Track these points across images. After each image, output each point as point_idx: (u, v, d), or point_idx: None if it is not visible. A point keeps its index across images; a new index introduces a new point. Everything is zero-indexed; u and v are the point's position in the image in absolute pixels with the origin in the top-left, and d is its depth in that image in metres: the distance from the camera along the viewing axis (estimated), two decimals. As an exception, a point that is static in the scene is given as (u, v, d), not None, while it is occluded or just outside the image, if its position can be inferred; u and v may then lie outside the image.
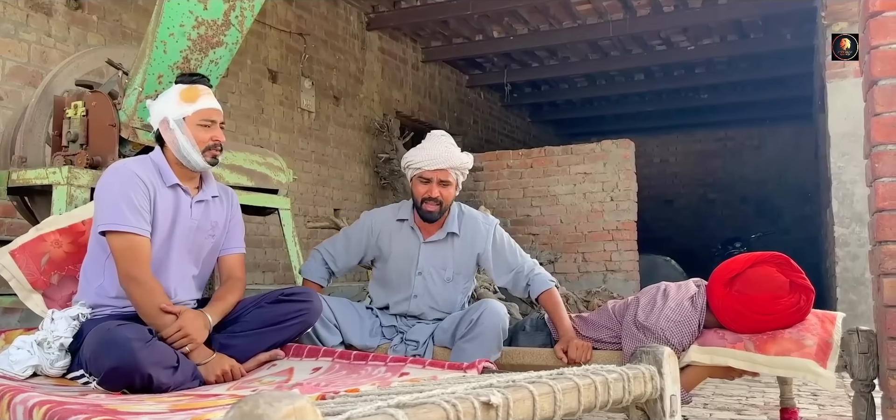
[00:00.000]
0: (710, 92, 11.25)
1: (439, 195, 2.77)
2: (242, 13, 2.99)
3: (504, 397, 1.16)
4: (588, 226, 7.81)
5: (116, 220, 2.14)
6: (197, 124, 2.30)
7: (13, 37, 4.43)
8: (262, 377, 2.18)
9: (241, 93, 6.29)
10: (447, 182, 2.77)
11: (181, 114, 2.29)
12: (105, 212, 2.17)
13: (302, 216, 6.61)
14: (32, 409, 1.50)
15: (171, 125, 2.28)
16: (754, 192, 12.91)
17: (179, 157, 2.30)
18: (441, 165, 2.75)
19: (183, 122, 2.28)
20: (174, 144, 2.29)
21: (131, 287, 2.14)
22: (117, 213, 2.15)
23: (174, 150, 2.30)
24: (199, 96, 2.32)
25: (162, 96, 2.37)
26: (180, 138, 2.28)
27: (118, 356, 1.86)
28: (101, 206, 2.20)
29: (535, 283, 2.87)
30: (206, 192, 2.40)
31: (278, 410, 0.82)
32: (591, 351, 2.69)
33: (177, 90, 2.33)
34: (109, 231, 2.15)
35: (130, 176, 2.20)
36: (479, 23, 8.28)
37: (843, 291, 5.62)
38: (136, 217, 2.16)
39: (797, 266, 2.58)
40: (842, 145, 5.70)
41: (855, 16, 5.37)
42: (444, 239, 2.87)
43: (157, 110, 2.33)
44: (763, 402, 3.55)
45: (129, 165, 2.26)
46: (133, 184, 2.19)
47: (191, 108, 2.30)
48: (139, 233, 2.16)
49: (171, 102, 2.31)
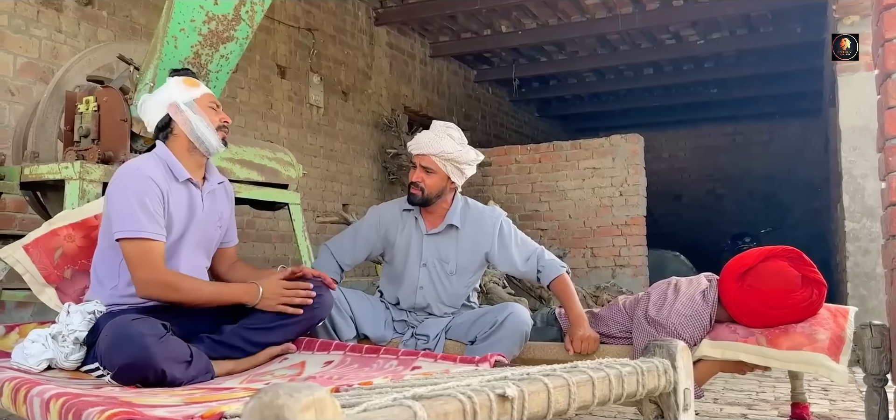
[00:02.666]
0: (719, 86, 11.20)
1: (420, 180, 2.76)
2: (252, 8, 3.00)
3: (519, 390, 1.16)
4: (596, 221, 7.80)
5: (134, 227, 2.12)
6: (207, 106, 2.34)
7: (24, 33, 4.45)
8: (274, 370, 2.19)
9: (250, 88, 6.30)
10: (430, 169, 2.75)
11: (191, 97, 2.32)
12: (120, 218, 2.13)
13: (311, 211, 6.63)
14: (49, 401, 1.50)
15: (183, 108, 2.29)
16: (763, 187, 12.87)
17: (194, 140, 2.29)
18: (422, 151, 2.74)
19: (194, 104, 2.31)
20: (187, 126, 2.29)
21: (163, 291, 2.14)
22: (133, 220, 2.12)
23: (188, 133, 2.29)
24: (200, 84, 2.38)
25: (158, 92, 2.36)
26: (194, 118, 2.29)
27: (132, 352, 1.86)
28: (116, 212, 2.15)
29: (546, 271, 2.85)
30: (212, 182, 2.41)
31: (298, 401, 0.82)
32: (598, 342, 2.68)
33: (177, 80, 2.35)
34: (125, 238, 2.12)
35: (144, 180, 2.16)
36: (488, 17, 8.27)
37: (853, 286, 5.60)
38: (152, 222, 2.14)
39: (809, 260, 2.57)
40: (853, 139, 5.67)
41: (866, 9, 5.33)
42: (446, 231, 2.86)
43: (160, 100, 2.32)
44: (774, 396, 3.54)
45: (141, 168, 2.20)
46: (147, 187, 2.16)
47: (197, 91, 2.34)
48: (156, 238, 2.14)
49: (176, 90, 2.32)
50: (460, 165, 2.79)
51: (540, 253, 2.89)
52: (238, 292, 2.26)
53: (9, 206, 4.19)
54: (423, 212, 2.87)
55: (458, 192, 2.91)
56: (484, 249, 2.87)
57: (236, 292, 2.26)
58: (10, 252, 2.41)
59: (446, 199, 2.85)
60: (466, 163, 2.80)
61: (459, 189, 2.89)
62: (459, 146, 2.78)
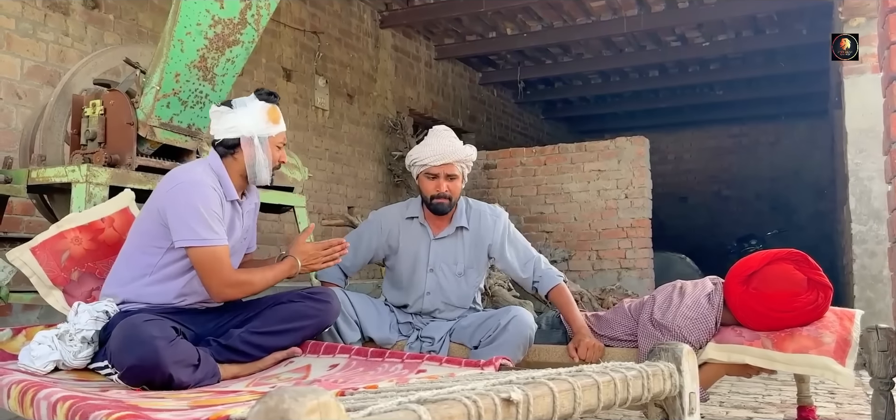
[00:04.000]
0: (724, 88, 11.18)
1: (447, 189, 2.78)
2: (258, 12, 3.00)
3: (524, 394, 1.16)
4: (602, 223, 7.79)
5: (203, 235, 2.16)
6: (276, 145, 2.38)
7: (31, 36, 4.47)
8: (279, 374, 2.19)
9: (255, 91, 6.31)
10: (454, 176, 2.79)
11: (267, 133, 2.34)
12: (189, 227, 2.16)
13: (316, 214, 6.64)
14: (56, 404, 1.51)
15: (256, 142, 2.32)
16: (769, 188, 12.83)
17: (249, 172, 2.34)
18: (447, 160, 2.76)
19: (267, 141, 2.34)
20: (251, 160, 2.32)
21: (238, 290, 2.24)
22: (202, 228, 2.16)
23: (248, 165, 2.33)
24: (280, 119, 2.41)
25: (241, 108, 2.33)
26: (259, 156, 2.32)
27: (141, 354, 1.87)
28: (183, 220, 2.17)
29: (543, 281, 2.86)
30: (251, 201, 2.47)
31: (303, 405, 0.83)
32: (603, 350, 2.67)
33: (263, 108, 2.35)
34: (194, 246, 2.16)
35: (207, 189, 2.21)
36: (493, 20, 8.27)
37: (860, 289, 5.57)
38: (219, 229, 2.20)
39: (815, 263, 2.56)
40: (859, 141, 5.65)
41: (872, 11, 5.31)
42: (454, 233, 2.88)
43: (239, 124, 2.31)
44: (780, 400, 3.53)
45: (204, 180, 2.24)
46: (210, 196, 2.21)
47: (275, 129, 2.37)
48: (222, 244, 2.21)
49: (259, 120, 2.33)
50: (470, 164, 2.86)
51: (537, 261, 2.90)
52: (284, 270, 2.36)
53: (16, 209, 4.21)
54: (428, 217, 2.88)
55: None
56: (487, 243, 2.89)
57: (282, 270, 2.36)
58: (17, 254, 2.42)
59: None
60: (472, 160, 2.87)
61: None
62: (462, 145, 2.83)
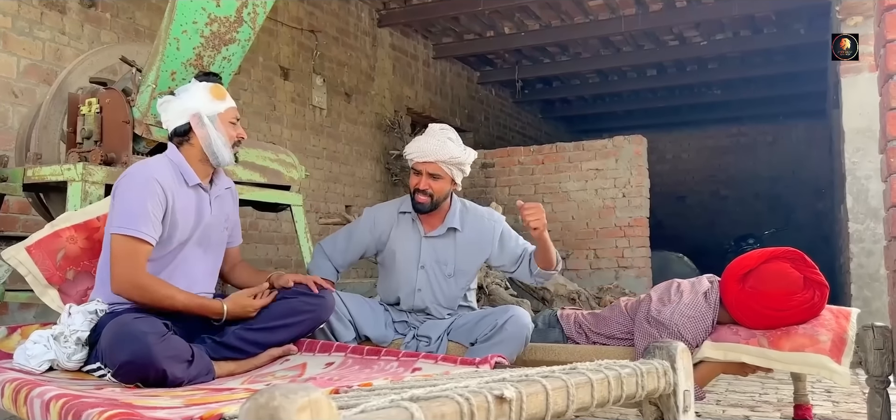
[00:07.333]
0: (722, 88, 11.19)
1: (428, 187, 2.77)
2: (255, 10, 3.00)
3: (517, 391, 1.16)
4: (600, 222, 7.79)
5: (128, 224, 2.14)
6: (228, 121, 2.37)
7: (28, 35, 4.47)
8: (275, 372, 2.19)
9: (253, 90, 6.31)
10: (437, 176, 2.77)
11: (215, 110, 2.34)
12: (118, 213, 2.17)
13: (314, 213, 6.64)
14: (49, 402, 1.51)
15: (205, 120, 2.31)
16: (767, 188, 12.83)
17: (208, 153, 2.33)
18: (429, 158, 2.75)
19: (216, 118, 2.33)
20: (206, 140, 2.31)
21: (136, 293, 2.13)
22: (129, 217, 2.14)
23: (204, 146, 2.32)
24: (226, 95, 2.40)
25: (184, 93, 2.35)
26: (213, 133, 2.32)
27: (133, 350, 1.87)
28: (115, 207, 2.19)
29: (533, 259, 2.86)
30: (220, 186, 2.44)
31: (294, 403, 0.82)
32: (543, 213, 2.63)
33: (205, 88, 2.35)
34: (117, 233, 2.14)
35: (149, 181, 2.19)
36: (490, 19, 8.27)
37: (857, 288, 5.58)
38: (146, 223, 2.15)
39: (811, 262, 2.56)
40: (856, 141, 5.66)
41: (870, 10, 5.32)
42: (445, 234, 2.87)
43: (184, 107, 2.32)
44: (777, 398, 3.53)
45: (151, 170, 2.23)
46: (151, 189, 2.18)
47: (222, 105, 2.36)
48: (146, 239, 2.15)
49: (202, 99, 2.33)
50: (463, 167, 2.82)
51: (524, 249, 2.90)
52: (207, 306, 2.25)
53: (12, 208, 4.20)
54: (420, 214, 2.87)
55: (456, 192, 2.92)
56: (485, 254, 2.88)
57: (206, 306, 2.25)
58: (12, 253, 2.42)
59: (447, 201, 2.85)
60: (468, 163, 2.82)
61: (459, 188, 2.91)
62: (462, 149, 2.80)
